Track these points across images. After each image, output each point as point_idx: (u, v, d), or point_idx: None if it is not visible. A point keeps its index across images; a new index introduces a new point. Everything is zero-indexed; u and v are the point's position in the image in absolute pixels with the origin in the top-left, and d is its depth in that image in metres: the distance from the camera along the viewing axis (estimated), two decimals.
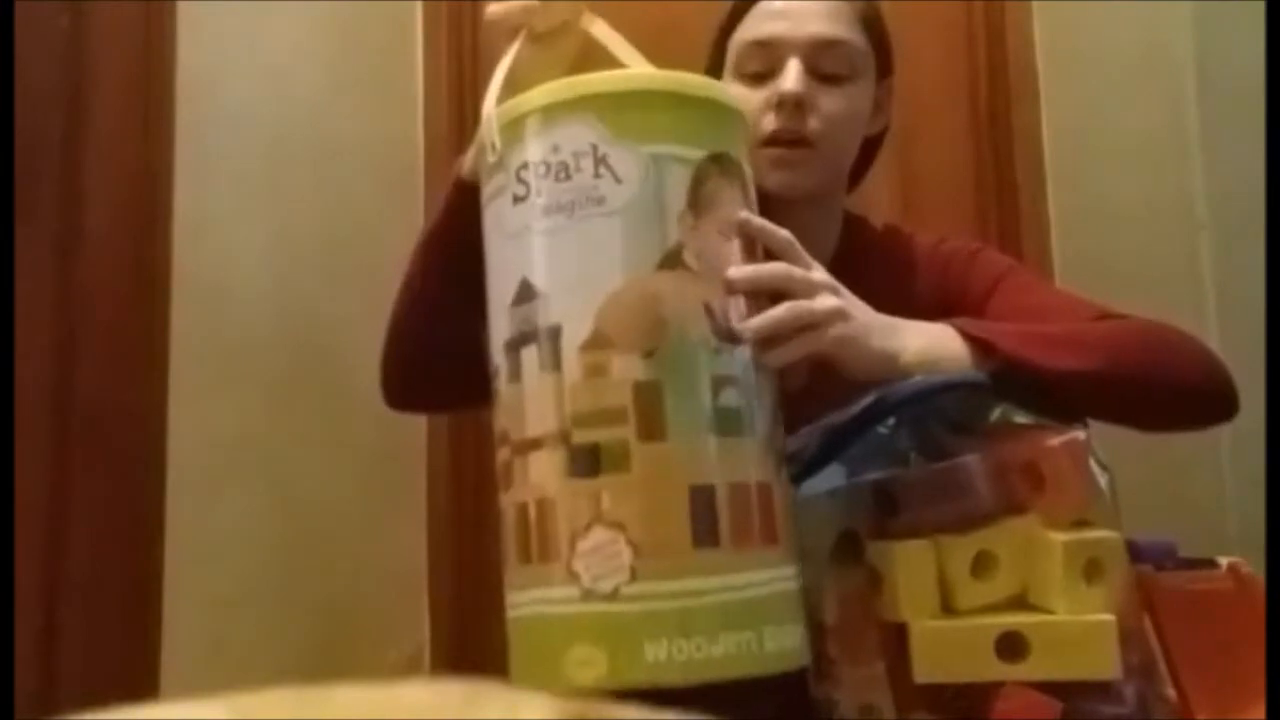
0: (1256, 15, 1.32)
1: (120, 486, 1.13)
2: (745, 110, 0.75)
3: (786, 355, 0.67)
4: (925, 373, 0.71)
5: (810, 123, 0.90)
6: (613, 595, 0.58)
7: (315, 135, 1.45)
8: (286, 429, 1.35)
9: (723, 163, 0.66)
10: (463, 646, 1.53)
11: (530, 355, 0.63)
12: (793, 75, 0.89)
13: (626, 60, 0.77)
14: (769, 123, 0.89)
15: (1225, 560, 0.72)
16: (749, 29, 0.92)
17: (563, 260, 0.63)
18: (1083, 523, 0.65)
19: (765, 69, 0.91)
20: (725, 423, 0.62)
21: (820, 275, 0.72)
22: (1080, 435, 0.66)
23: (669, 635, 0.57)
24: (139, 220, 1.19)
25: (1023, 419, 0.68)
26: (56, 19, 1.13)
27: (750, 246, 0.68)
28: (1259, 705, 0.65)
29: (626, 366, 0.61)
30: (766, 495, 0.62)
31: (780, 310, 0.67)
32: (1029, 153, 1.60)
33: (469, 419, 1.50)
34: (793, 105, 0.89)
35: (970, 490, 0.65)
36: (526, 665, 0.62)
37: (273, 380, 1.35)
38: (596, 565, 0.58)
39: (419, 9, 1.68)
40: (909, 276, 0.95)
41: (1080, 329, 0.82)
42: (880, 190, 1.36)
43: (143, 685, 1.10)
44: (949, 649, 0.63)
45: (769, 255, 0.70)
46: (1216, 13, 1.56)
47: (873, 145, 1.01)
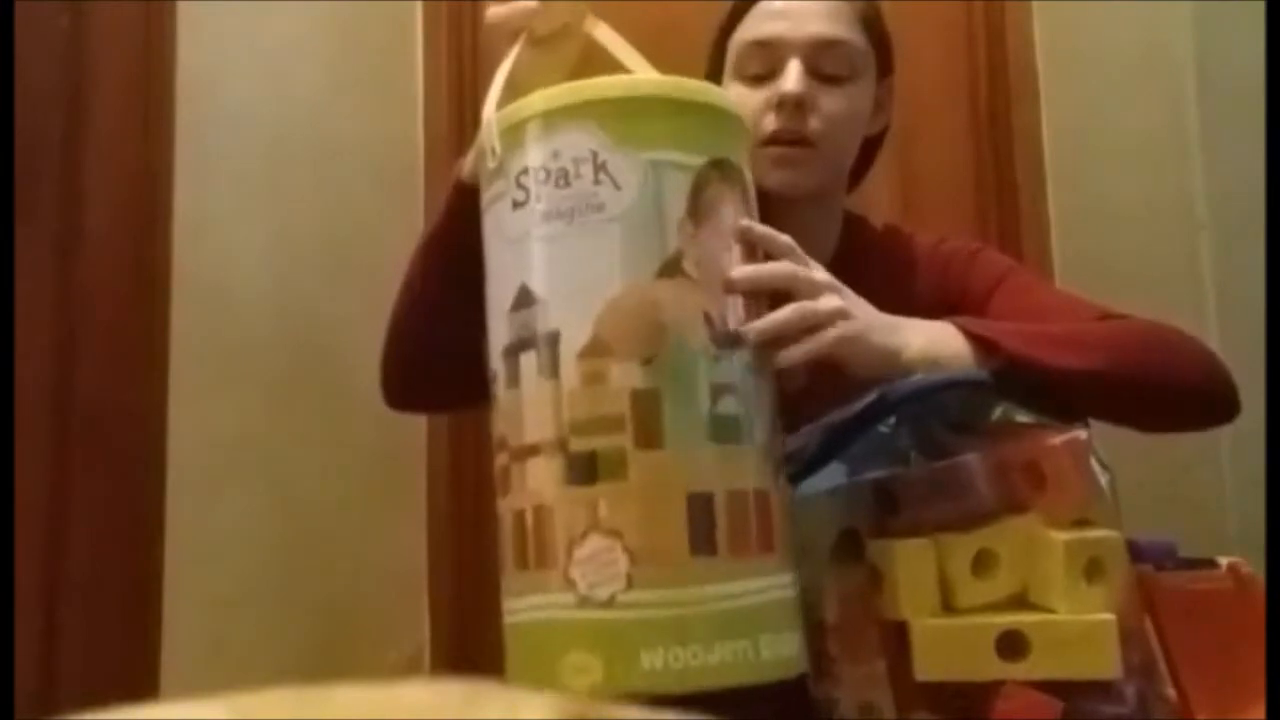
0: (1256, 15, 1.32)
1: (120, 486, 1.13)
2: (745, 114, 0.75)
3: (792, 357, 0.67)
4: (927, 371, 0.71)
5: (811, 123, 0.90)
6: (609, 603, 0.58)
7: (315, 135, 1.45)
8: (286, 429, 1.35)
9: (723, 169, 0.66)
10: (463, 647, 1.53)
11: (529, 361, 0.63)
12: (793, 76, 0.89)
13: (628, 63, 0.76)
14: (770, 123, 0.89)
15: (1225, 560, 0.72)
16: (749, 29, 0.93)
17: (562, 266, 0.63)
18: (1084, 522, 0.65)
19: (765, 69, 0.91)
20: (723, 430, 0.61)
21: (823, 276, 0.72)
22: (1082, 434, 0.66)
23: (665, 643, 0.57)
24: (139, 220, 1.19)
25: (1024, 418, 0.68)
26: (56, 19, 1.13)
27: (750, 253, 0.68)
28: (1259, 705, 0.65)
29: (625, 374, 0.60)
30: (764, 503, 0.62)
31: (786, 311, 0.67)
32: (1029, 153, 1.60)
33: (469, 419, 1.50)
34: (793, 105, 0.89)
35: (971, 489, 0.65)
36: (522, 671, 0.62)
37: (273, 380, 1.35)
38: (593, 572, 0.58)
39: (419, 9, 1.68)
40: (909, 276, 0.95)
41: (1082, 329, 0.82)
42: (880, 190, 1.36)
43: (143, 685, 1.10)
44: (949, 648, 0.63)
45: (769, 261, 0.70)
46: (1216, 13, 1.56)
47: (873, 145, 1.01)
